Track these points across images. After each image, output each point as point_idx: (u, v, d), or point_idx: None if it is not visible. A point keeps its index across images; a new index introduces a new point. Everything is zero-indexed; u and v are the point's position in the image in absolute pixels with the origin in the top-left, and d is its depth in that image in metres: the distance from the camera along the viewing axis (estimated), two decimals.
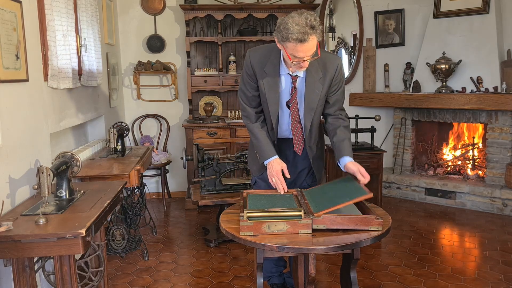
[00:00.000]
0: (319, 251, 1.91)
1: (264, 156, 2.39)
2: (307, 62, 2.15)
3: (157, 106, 5.29)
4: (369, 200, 2.13)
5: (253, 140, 2.48)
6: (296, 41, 2.02)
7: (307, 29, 2.00)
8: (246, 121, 2.46)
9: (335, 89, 2.37)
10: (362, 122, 4.76)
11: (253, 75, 2.35)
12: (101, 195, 2.40)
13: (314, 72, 2.29)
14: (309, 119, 2.37)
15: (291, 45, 2.06)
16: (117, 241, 3.49)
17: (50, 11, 2.81)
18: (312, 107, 2.35)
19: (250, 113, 2.44)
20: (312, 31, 2.02)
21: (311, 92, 2.31)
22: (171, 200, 5.24)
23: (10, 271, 2.16)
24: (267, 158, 2.38)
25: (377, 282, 3.11)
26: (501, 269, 3.26)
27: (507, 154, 4.55)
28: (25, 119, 2.50)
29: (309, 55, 2.10)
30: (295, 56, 2.10)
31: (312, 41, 2.04)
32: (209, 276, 3.25)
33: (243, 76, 2.41)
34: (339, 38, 5.66)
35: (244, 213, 1.99)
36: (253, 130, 2.43)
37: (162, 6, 5.14)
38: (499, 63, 4.57)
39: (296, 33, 2.00)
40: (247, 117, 2.45)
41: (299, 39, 2.01)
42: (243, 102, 2.45)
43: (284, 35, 2.04)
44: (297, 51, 2.07)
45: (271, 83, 2.31)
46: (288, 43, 2.06)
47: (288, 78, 2.32)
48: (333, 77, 2.32)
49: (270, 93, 2.33)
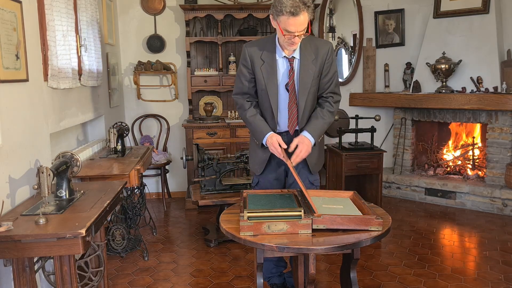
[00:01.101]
0: (319, 251, 1.91)
1: (261, 136, 2.46)
2: (298, 38, 2.28)
3: (157, 106, 5.29)
4: (369, 200, 2.13)
5: (249, 127, 2.56)
6: (289, 14, 2.17)
7: (299, 3, 2.17)
8: (241, 111, 2.56)
9: (325, 68, 2.48)
10: (362, 122, 4.76)
11: (250, 65, 2.46)
12: (101, 195, 2.40)
13: (307, 54, 2.43)
14: (303, 99, 2.46)
15: (284, 19, 2.21)
16: (117, 241, 3.49)
17: (50, 11, 2.81)
18: (306, 87, 2.45)
19: (243, 103, 2.53)
20: (304, 6, 2.18)
21: (305, 72, 2.43)
22: (171, 200, 5.24)
23: (10, 271, 2.16)
24: (264, 136, 2.45)
25: (377, 282, 3.11)
26: (501, 269, 3.26)
27: (507, 154, 4.55)
28: (25, 119, 2.50)
29: (300, 30, 2.24)
30: (287, 31, 2.23)
31: (303, 16, 2.20)
32: (209, 276, 3.25)
33: (239, 69, 2.52)
34: (339, 38, 5.66)
35: (244, 213, 1.99)
36: (247, 116, 2.51)
37: (162, 6, 5.14)
38: (499, 63, 4.57)
39: (289, 6, 2.16)
40: (240, 107, 2.55)
41: (292, 12, 2.17)
42: (237, 94, 2.55)
43: (278, 9, 2.20)
44: (289, 25, 2.21)
45: (268, 68, 2.42)
46: (281, 17, 2.21)
47: (285, 61, 2.44)
48: (325, 59, 2.46)
49: (269, 79, 2.43)
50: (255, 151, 2.60)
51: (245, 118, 2.54)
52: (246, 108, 2.52)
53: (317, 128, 2.45)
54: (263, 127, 2.47)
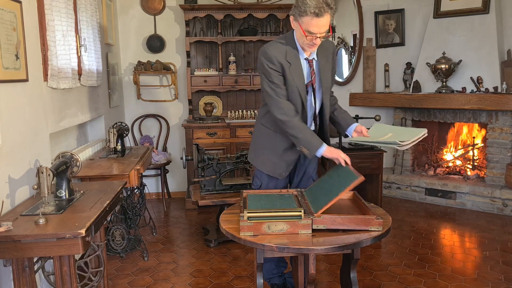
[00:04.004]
0: (319, 251, 1.91)
1: (314, 147, 2.33)
2: (319, 40, 2.29)
3: (157, 106, 5.29)
4: (369, 200, 2.13)
5: (296, 136, 2.36)
6: (313, 14, 2.18)
7: (323, 4, 2.17)
8: (285, 118, 2.35)
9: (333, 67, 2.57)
10: (362, 122, 4.69)
11: (280, 67, 2.36)
12: (101, 195, 2.40)
13: (323, 55, 2.46)
14: (327, 98, 2.52)
15: (307, 19, 2.20)
16: (117, 241, 3.49)
17: (50, 11, 2.81)
18: (328, 86, 2.50)
19: (288, 108, 2.37)
20: (328, 7, 2.19)
21: (325, 71, 2.48)
22: (171, 200, 5.24)
23: (9, 271, 2.16)
24: (317, 147, 2.33)
25: (377, 282, 3.11)
26: (501, 269, 3.26)
27: (507, 154, 4.55)
28: (25, 119, 2.50)
29: (322, 31, 2.25)
30: (309, 32, 2.23)
31: (326, 17, 2.21)
32: (209, 276, 3.24)
33: (268, 74, 2.37)
34: (339, 38, 5.66)
35: (244, 213, 1.99)
36: (295, 126, 2.35)
37: (162, 6, 5.14)
38: (499, 63, 4.57)
39: (313, 7, 2.16)
40: (285, 114, 2.36)
41: (316, 12, 2.17)
42: (279, 99, 2.37)
43: (302, 9, 2.20)
44: (312, 26, 2.21)
45: (296, 70, 2.40)
46: (304, 17, 2.21)
47: (306, 63, 2.43)
48: (332, 58, 2.53)
49: (298, 80, 2.40)
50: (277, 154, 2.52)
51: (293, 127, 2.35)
52: (293, 116, 2.36)
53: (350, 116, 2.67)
54: (314, 137, 2.37)
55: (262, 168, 2.61)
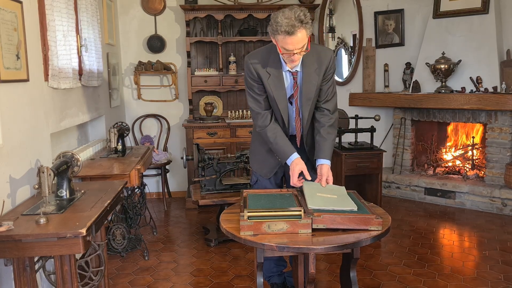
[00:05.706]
0: (319, 251, 1.92)
1: (285, 156, 2.41)
2: (297, 56, 2.23)
3: (158, 106, 5.30)
4: (369, 199, 2.14)
5: (270, 145, 2.47)
6: (285, 33, 2.12)
7: (295, 22, 2.10)
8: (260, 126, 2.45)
9: (326, 77, 2.44)
10: (361, 122, 4.76)
11: (258, 78, 2.38)
12: (102, 195, 2.41)
13: (310, 64, 2.37)
14: (307, 109, 2.44)
15: (281, 38, 2.16)
16: (118, 241, 3.50)
17: (50, 11, 2.82)
18: (309, 97, 2.42)
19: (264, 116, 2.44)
20: (300, 24, 2.11)
21: (309, 83, 2.39)
22: (171, 199, 5.25)
23: (10, 270, 2.16)
24: (287, 157, 2.40)
25: (377, 281, 3.12)
26: (500, 269, 3.27)
27: (507, 154, 4.56)
28: (26, 119, 2.51)
29: (298, 48, 2.18)
30: (285, 49, 2.19)
31: (300, 34, 2.14)
32: (209, 276, 3.25)
33: (247, 83, 2.43)
34: (339, 38, 5.67)
35: (244, 212, 1.99)
36: (268, 134, 2.43)
37: (163, 6, 5.14)
38: (499, 63, 4.58)
39: (284, 25, 2.10)
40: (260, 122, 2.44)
41: (287, 31, 2.11)
42: (255, 108, 2.44)
43: (274, 28, 2.16)
44: (286, 43, 2.16)
45: (276, 81, 2.37)
46: (278, 36, 2.16)
47: (289, 74, 2.39)
48: (327, 68, 2.41)
49: (277, 92, 2.38)
50: (264, 157, 2.59)
51: (266, 135, 2.45)
52: (266, 125, 2.43)
53: (327, 149, 2.44)
54: (285, 147, 2.41)
55: (252, 166, 2.73)
